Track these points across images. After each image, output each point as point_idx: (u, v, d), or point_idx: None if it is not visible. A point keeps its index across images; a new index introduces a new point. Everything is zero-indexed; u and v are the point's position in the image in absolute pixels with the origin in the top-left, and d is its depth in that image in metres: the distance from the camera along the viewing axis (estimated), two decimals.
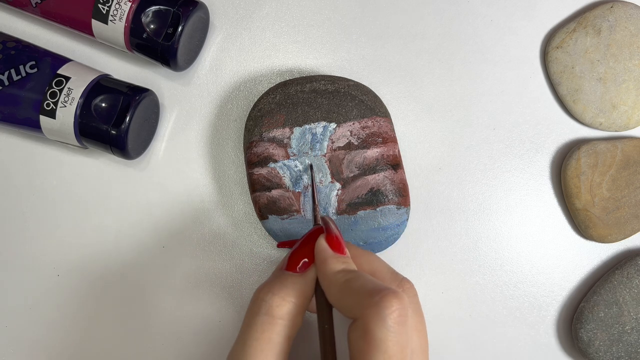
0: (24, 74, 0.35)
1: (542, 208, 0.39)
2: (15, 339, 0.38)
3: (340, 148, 0.34)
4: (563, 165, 0.38)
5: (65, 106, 0.34)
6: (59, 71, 0.35)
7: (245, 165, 0.36)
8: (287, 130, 0.35)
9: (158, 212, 0.39)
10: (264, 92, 0.37)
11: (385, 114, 0.35)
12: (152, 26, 0.35)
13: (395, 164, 0.35)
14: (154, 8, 0.34)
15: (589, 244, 0.39)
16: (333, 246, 0.27)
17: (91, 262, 0.39)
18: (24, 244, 0.39)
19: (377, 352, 0.23)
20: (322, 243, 0.28)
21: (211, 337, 0.38)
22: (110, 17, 0.35)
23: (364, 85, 0.36)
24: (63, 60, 0.36)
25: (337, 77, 0.36)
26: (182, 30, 0.34)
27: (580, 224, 0.38)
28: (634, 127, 0.38)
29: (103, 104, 0.34)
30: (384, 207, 0.34)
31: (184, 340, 0.38)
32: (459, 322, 0.39)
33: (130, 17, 0.34)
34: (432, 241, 0.39)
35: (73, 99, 0.34)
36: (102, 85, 0.35)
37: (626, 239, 0.39)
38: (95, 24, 0.35)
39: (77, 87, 0.34)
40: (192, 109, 0.39)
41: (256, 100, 0.37)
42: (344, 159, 0.34)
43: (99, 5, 0.35)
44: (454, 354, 0.39)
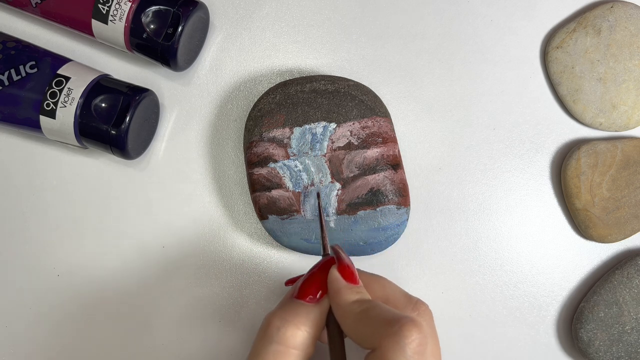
0: (24, 74, 0.35)
1: (542, 208, 0.39)
2: (15, 339, 0.38)
3: (340, 148, 0.34)
4: (563, 165, 0.38)
5: (65, 106, 0.34)
6: (59, 71, 0.35)
7: (245, 165, 0.36)
8: (287, 130, 0.35)
9: (158, 212, 0.39)
10: (264, 92, 0.37)
11: (385, 114, 0.35)
12: (152, 26, 0.35)
13: (395, 164, 0.35)
14: (154, 8, 0.34)
15: (589, 244, 0.39)
16: (346, 276, 0.27)
17: (91, 262, 0.39)
18: (24, 244, 0.39)
19: None
20: (335, 273, 0.27)
21: (211, 337, 0.38)
22: (110, 17, 0.35)
23: (364, 85, 0.36)
24: (63, 60, 0.36)
25: (337, 77, 0.36)
26: (182, 30, 0.34)
27: (580, 224, 0.38)
28: (634, 127, 0.38)
29: (103, 104, 0.34)
30: (384, 207, 0.34)
31: (183, 339, 0.38)
32: (459, 322, 0.39)
33: (130, 17, 0.34)
34: (432, 241, 0.39)
35: (73, 99, 0.34)
36: (102, 85, 0.35)
37: (626, 239, 0.39)
38: (95, 24, 0.35)
39: (77, 87, 0.34)
40: (192, 109, 0.39)
41: (256, 100, 0.37)
42: (344, 159, 0.34)
43: (99, 5, 0.34)
44: (454, 354, 0.39)
